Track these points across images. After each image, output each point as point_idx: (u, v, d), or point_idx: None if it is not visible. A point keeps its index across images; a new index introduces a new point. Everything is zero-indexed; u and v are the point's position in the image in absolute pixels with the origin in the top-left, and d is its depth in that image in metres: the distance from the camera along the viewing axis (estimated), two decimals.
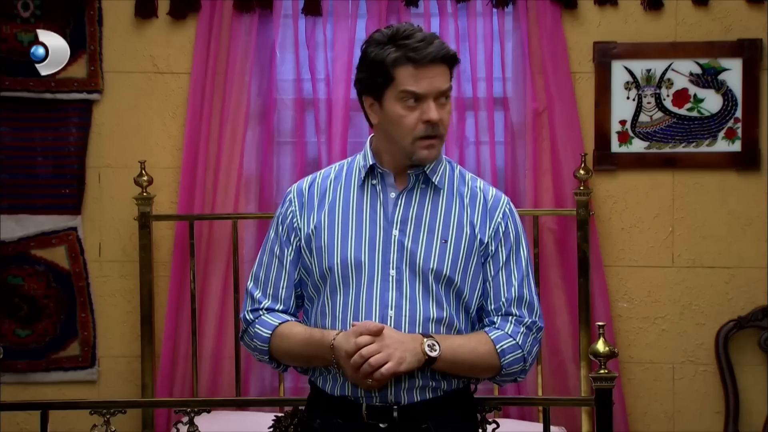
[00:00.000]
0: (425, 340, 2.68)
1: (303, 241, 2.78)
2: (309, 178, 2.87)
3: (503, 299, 2.80)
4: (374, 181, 2.78)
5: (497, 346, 2.77)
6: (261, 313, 2.83)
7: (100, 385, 4.60)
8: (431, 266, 2.71)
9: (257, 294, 2.85)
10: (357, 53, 4.47)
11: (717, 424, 4.51)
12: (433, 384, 2.73)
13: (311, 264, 2.78)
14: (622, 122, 4.54)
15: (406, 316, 2.70)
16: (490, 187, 2.87)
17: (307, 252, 2.78)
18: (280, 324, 2.80)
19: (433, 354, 2.67)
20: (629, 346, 4.53)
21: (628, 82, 4.52)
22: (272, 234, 2.86)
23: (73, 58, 4.53)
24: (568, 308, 4.51)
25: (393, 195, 2.76)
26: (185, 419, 3.29)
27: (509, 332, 2.79)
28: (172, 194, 4.56)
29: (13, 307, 4.57)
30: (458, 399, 2.80)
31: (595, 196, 4.50)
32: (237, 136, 4.53)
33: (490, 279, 2.80)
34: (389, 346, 2.62)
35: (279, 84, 4.60)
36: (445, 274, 2.72)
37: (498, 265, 2.80)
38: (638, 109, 4.53)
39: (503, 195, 2.87)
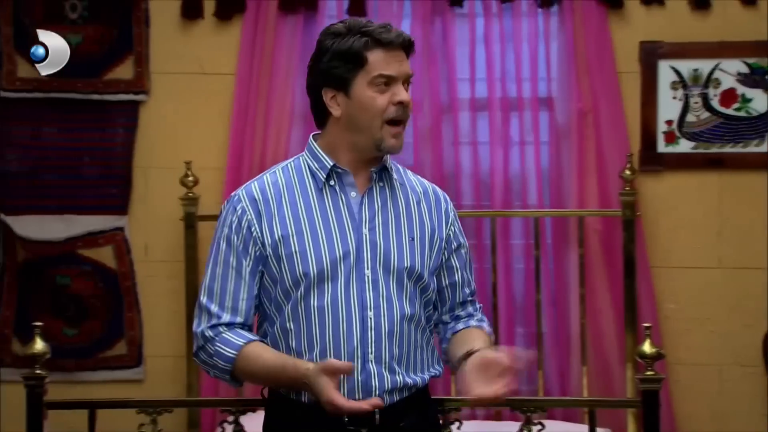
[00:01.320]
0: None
1: (269, 249, 2.69)
2: (255, 184, 2.77)
3: (467, 292, 2.86)
4: (332, 183, 2.74)
5: (491, 338, 2.85)
6: (221, 329, 2.69)
7: (146, 384, 4.63)
8: (405, 264, 2.70)
9: (214, 308, 2.70)
10: None
11: (764, 426, 4.46)
12: (410, 381, 2.71)
13: (279, 272, 2.69)
14: (669, 122, 4.51)
15: (384, 316, 2.68)
16: (434, 185, 2.87)
17: (275, 260, 2.69)
18: (245, 344, 2.68)
19: None
20: (676, 348, 4.50)
21: (674, 82, 4.49)
22: (223, 244, 2.74)
23: (120, 59, 4.58)
24: (613, 309, 4.48)
25: (354, 194, 2.72)
26: (230, 418, 3.30)
27: (488, 322, 2.89)
28: (217, 195, 4.58)
29: (61, 307, 4.62)
30: (424, 396, 2.80)
31: (641, 196, 4.48)
32: (282, 137, 4.55)
33: (456, 274, 2.83)
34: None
35: None
36: (417, 272, 2.72)
37: (462, 260, 2.83)
38: (685, 109, 4.49)
39: (440, 189, 2.89)
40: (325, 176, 2.72)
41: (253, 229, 2.70)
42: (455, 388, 4.39)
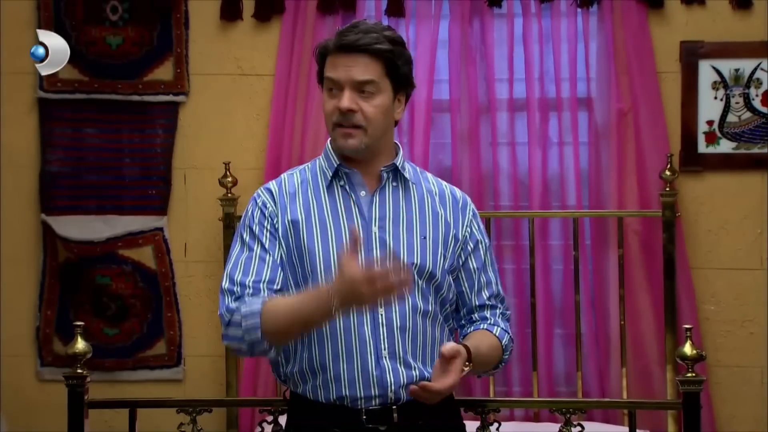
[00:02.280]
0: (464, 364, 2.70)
1: (281, 235, 2.75)
2: (274, 183, 2.83)
3: (486, 296, 2.85)
4: (341, 183, 2.76)
5: (502, 343, 2.84)
6: (244, 299, 2.71)
7: (185, 384, 4.66)
8: (414, 262, 2.72)
9: (236, 288, 2.72)
10: (440, 54, 4.54)
11: None
12: (427, 375, 2.71)
13: (291, 263, 2.74)
14: (710, 122, 4.48)
15: (395, 312, 2.70)
16: (454, 188, 2.89)
17: (284, 248, 2.74)
18: (267, 300, 2.68)
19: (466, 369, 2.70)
20: (716, 350, 4.47)
21: (715, 82, 4.46)
22: (245, 234, 2.78)
23: (160, 60, 4.60)
24: (653, 311, 4.46)
25: (364, 193, 2.75)
26: (269, 418, 3.31)
27: (504, 327, 2.86)
28: None
29: (102, 307, 4.65)
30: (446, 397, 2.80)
31: (682, 197, 4.45)
32: (320, 138, 4.55)
33: (474, 277, 2.84)
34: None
35: None
36: (428, 270, 2.73)
37: (480, 263, 2.83)
38: (726, 109, 4.46)
39: (463, 192, 2.90)
40: (331, 176, 2.75)
41: (275, 220, 2.75)
42: (493, 389, 4.39)
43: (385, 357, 2.70)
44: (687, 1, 4.47)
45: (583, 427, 3.20)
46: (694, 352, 3.13)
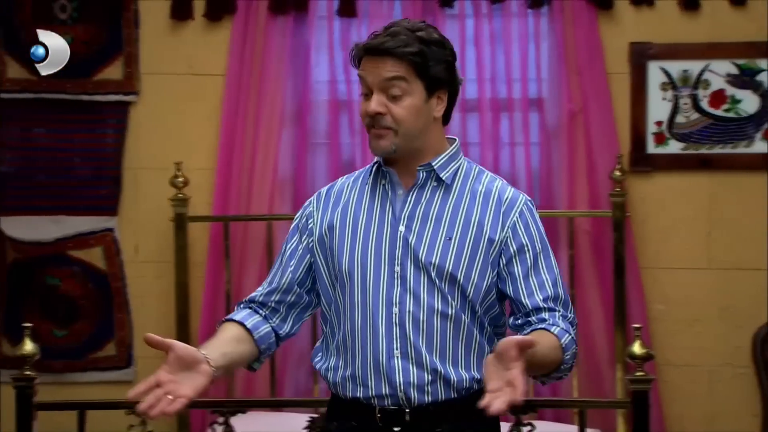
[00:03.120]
0: None
1: (316, 241, 2.78)
2: (337, 181, 2.87)
3: (540, 298, 2.71)
4: (384, 181, 2.77)
5: (561, 342, 2.66)
6: (240, 304, 2.83)
7: (136, 385, 4.62)
8: (433, 261, 2.68)
9: (258, 287, 2.84)
10: None
11: (754, 427, 4.47)
12: (442, 371, 2.68)
13: (323, 265, 2.77)
14: (659, 123, 4.52)
15: (409, 312, 2.67)
16: (509, 188, 2.79)
17: (320, 253, 2.77)
18: (227, 320, 2.77)
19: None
20: (665, 349, 4.50)
21: (664, 83, 4.50)
22: (290, 231, 2.85)
23: (110, 60, 4.58)
24: (603, 310, 4.49)
25: (401, 192, 2.74)
26: (221, 420, 3.31)
27: (564, 327, 2.70)
28: (207, 195, 4.59)
29: (51, 308, 4.61)
30: (472, 404, 2.61)
31: (631, 197, 4.48)
32: (272, 138, 4.55)
33: (519, 281, 2.72)
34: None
35: (314, 85, 4.61)
36: (448, 271, 2.69)
37: (525, 267, 2.72)
38: (675, 110, 4.51)
39: (522, 194, 2.78)
40: (371, 174, 2.77)
41: (310, 221, 2.80)
42: None
43: (397, 357, 2.68)
44: (636, 2, 4.50)
45: (533, 427, 3.22)
46: (644, 351, 3.16)
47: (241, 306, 2.84)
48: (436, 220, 2.72)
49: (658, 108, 4.51)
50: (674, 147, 4.52)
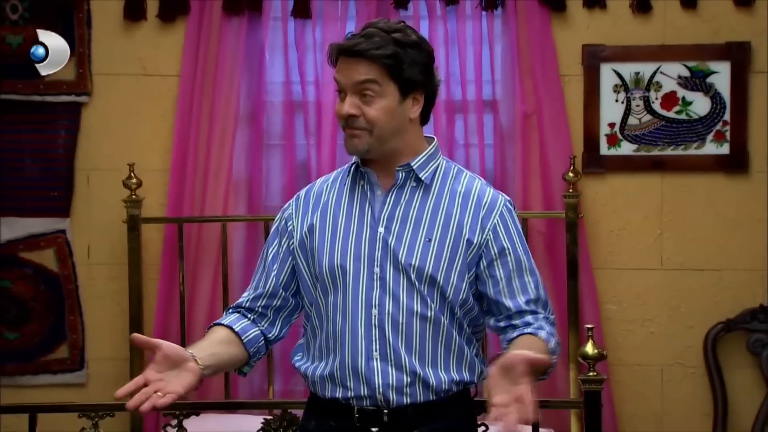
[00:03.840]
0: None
1: (297, 244, 2.78)
2: (316, 182, 2.88)
3: (523, 300, 2.72)
4: (362, 182, 2.78)
5: (549, 347, 2.67)
6: (229, 310, 2.86)
7: (88, 388, 4.60)
8: (413, 263, 2.69)
9: (244, 293, 2.86)
10: None
11: (706, 426, 4.51)
12: (421, 373, 2.69)
13: (305, 267, 2.78)
14: (611, 125, 4.55)
15: (388, 314, 2.68)
16: (489, 188, 2.79)
17: (301, 255, 2.78)
18: (215, 324, 2.81)
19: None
20: (618, 349, 4.54)
21: (616, 85, 4.53)
22: (270, 234, 2.88)
23: None
24: (556, 311, 4.41)
25: (380, 193, 2.75)
26: (174, 422, 3.29)
27: (549, 331, 2.71)
28: (161, 197, 4.56)
29: (1, 310, 4.57)
30: (455, 404, 2.76)
31: (584, 198, 4.51)
32: (226, 139, 4.53)
33: (501, 284, 2.72)
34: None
35: (268, 86, 4.60)
36: (427, 272, 2.70)
37: (507, 270, 2.73)
38: (627, 112, 4.54)
39: (502, 195, 2.79)
40: (349, 174, 2.77)
41: (290, 224, 2.81)
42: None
43: (376, 358, 2.68)
44: (589, 4, 4.53)
45: (487, 427, 3.22)
46: (596, 351, 3.17)
47: (230, 311, 2.85)
48: (415, 222, 2.72)
49: (610, 110, 4.54)
50: (627, 148, 4.55)
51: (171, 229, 4.51)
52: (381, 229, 2.72)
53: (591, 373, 3.18)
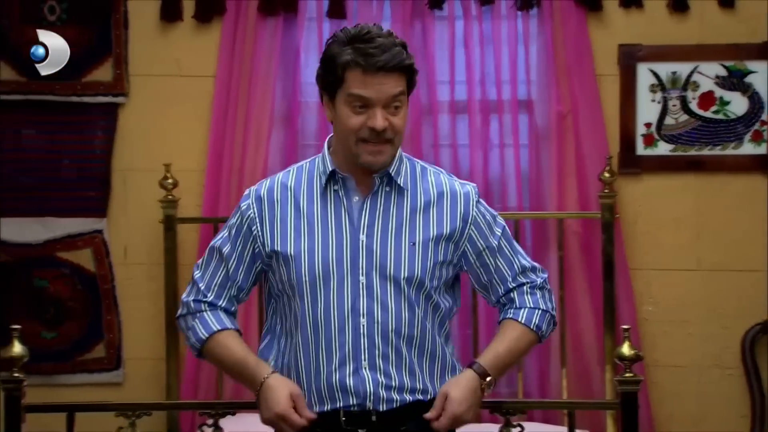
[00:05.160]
0: (485, 380, 2.75)
1: (265, 249, 2.75)
2: (267, 182, 2.82)
3: (510, 278, 2.83)
4: (336, 187, 2.74)
5: (531, 325, 2.81)
6: (203, 307, 2.82)
7: (125, 387, 4.62)
8: (402, 270, 2.70)
9: (202, 286, 2.82)
10: None
11: (743, 428, 4.48)
12: (409, 383, 2.72)
13: (277, 272, 2.76)
14: (648, 125, 4.52)
15: (378, 323, 2.69)
16: (455, 181, 2.83)
17: (274, 261, 2.75)
18: (218, 331, 2.80)
19: (489, 390, 2.77)
20: (654, 350, 4.51)
21: (653, 85, 4.51)
22: (226, 233, 2.83)
23: (99, 61, 4.57)
24: (592, 311, 4.49)
25: (356, 199, 2.73)
26: (210, 421, 3.30)
27: (532, 305, 2.83)
28: (196, 197, 4.58)
29: (40, 310, 4.60)
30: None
31: (620, 199, 4.49)
32: (261, 139, 4.54)
33: (492, 270, 2.81)
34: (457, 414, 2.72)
35: (303, 87, 4.61)
36: (417, 277, 2.71)
37: (494, 252, 2.80)
38: (664, 112, 4.51)
39: (468, 185, 2.83)
40: (324, 181, 2.74)
41: (254, 228, 2.77)
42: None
43: (365, 368, 2.69)
44: (625, 4, 4.51)
45: (523, 428, 3.21)
46: (632, 352, 3.16)
47: (208, 309, 2.82)
48: (396, 226, 2.72)
49: (647, 110, 4.52)
50: (663, 148, 4.53)
51: (207, 229, 4.52)
52: (362, 237, 2.70)
53: (627, 374, 3.16)
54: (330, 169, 2.74)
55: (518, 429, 3.20)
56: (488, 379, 2.74)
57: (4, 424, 3.23)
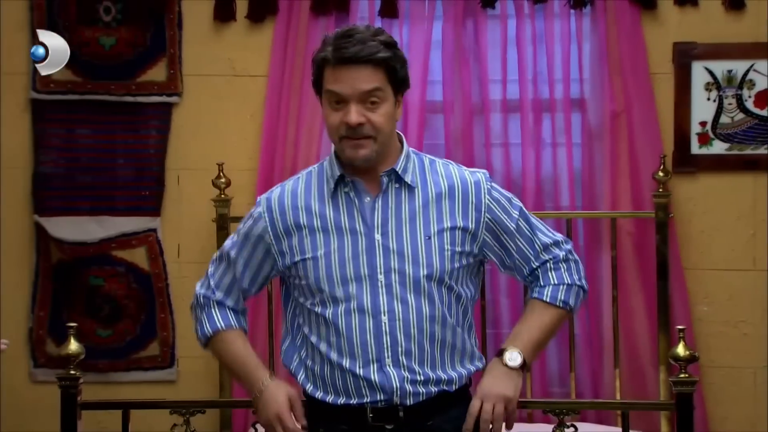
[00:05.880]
0: (505, 358, 2.78)
1: (281, 257, 2.79)
2: (277, 190, 2.86)
3: (532, 257, 2.84)
4: (346, 189, 2.76)
5: (557, 303, 2.83)
6: (212, 303, 2.90)
7: (179, 385, 4.65)
8: (421, 265, 2.71)
9: (212, 282, 2.91)
10: (433, 55, 4.54)
11: None
12: (434, 376, 2.74)
13: (296, 276, 2.79)
14: (703, 124, 4.48)
15: (399, 320, 2.70)
16: (465, 171, 2.84)
17: (291, 267, 2.79)
18: (223, 329, 2.89)
19: (515, 363, 2.77)
20: (709, 351, 4.47)
21: (708, 83, 4.47)
22: (239, 238, 2.87)
23: (153, 61, 4.60)
24: (646, 312, 4.46)
25: (368, 199, 2.74)
26: None
27: (556, 281, 2.85)
28: (249, 196, 4.60)
29: (95, 308, 4.64)
30: (461, 394, 2.82)
31: (675, 198, 4.45)
32: (313, 139, 4.55)
33: (513, 252, 2.83)
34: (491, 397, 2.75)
35: None
36: (436, 271, 2.72)
37: (513, 238, 2.82)
38: (719, 111, 4.47)
39: (478, 173, 2.84)
40: (334, 184, 2.76)
41: (266, 236, 2.81)
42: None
43: (389, 365, 2.71)
44: (680, 2, 4.48)
45: (576, 428, 3.20)
46: (687, 352, 3.14)
47: (216, 306, 2.90)
48: (410, 222, 2.73)
49: (702, 108, 4.48)
50: (718, 147, 4.49)
51: None
52: (377, 236, 2.71)
53: (682, 375, 3.14)
54: (338, 173, 2.76)
55: (572, 429, 3.19)
56: (507, 353, 2.77)
57: (61, 421, 3.26)
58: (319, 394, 2.79)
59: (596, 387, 4.51)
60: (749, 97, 4.46)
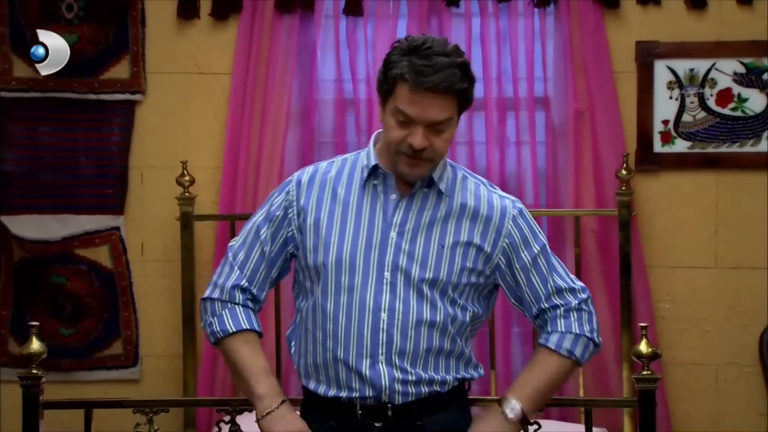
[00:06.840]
0: (504, 408, 2.78)
1: (298, 233, 2.79)
2: (310, 169, 2.86)
3: (543, 298, 2.82)
4: (376, 182, 2.77)
5: (562, 351, 2.81)
6: (239, 299, 2.82)
7: (142, 384, 4.63)
8: (427, 271, 2.72)
9: (236, 270, 2.83)
10: None
11: (761, 426, 4.47)
12: (426, 377, 2.74)
13: (305, 258, 2.78)
14: (665, 122, 4.51)
15: (398, 319, 2.71)
16: (495, 195, 2.83)
17: (302, 245, 2.79)
18: (240, 331, 2.81)
19: (514, 416, 2.78)
20: (672, 348, 4.50)
21: (671, 82, 4.50)
22: (261, 217, 2.85)
23: (116, 59, 4.58)
24: (609, 309, 4.48)
25: (393, 197, 2.75)
26: (227, 418, 3.30)
27: (564, 329, 2.82)
28: (213, 194, 4.59)
29: (57, 307, 4.61)
30: (453, 396, 2.82)
31: (637, 196, 4.48)
32: (278, 137, 4.55)
33: (524, 286, 2.81)
34: None
35: (320, 84, 4.61)
36: (441, 280, 2.73)
37: (527, 271, 2.80)
38: (681, 109, 4.50)
39: (509, 200, 2.83)
40: (366, 175, 2.76)
41: (290, 211, 2.80)
42: None
43: (381, 362, 2.71)
44: (643, 1, 4.50)
45: (539, 426, 3.20)
46: (650, 350, 3.15)
47: (242, 303, 2.84)
48: (428, 228, 2.74)
49: (664, 107, 4.51)
50: (681, 146, 4.52)
51: (223, 226, 4.53)
52: (393, 234, 2.72)
53: (645, 372, 3.15)
54: (373, 163, 2.76)
55: (535, 427, 3.19)
56: (507, 404, 2.78)
57: (23, 420, 3.24)
58: (311, 385, 2.80)
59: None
60: (711, 95, 4.49)
